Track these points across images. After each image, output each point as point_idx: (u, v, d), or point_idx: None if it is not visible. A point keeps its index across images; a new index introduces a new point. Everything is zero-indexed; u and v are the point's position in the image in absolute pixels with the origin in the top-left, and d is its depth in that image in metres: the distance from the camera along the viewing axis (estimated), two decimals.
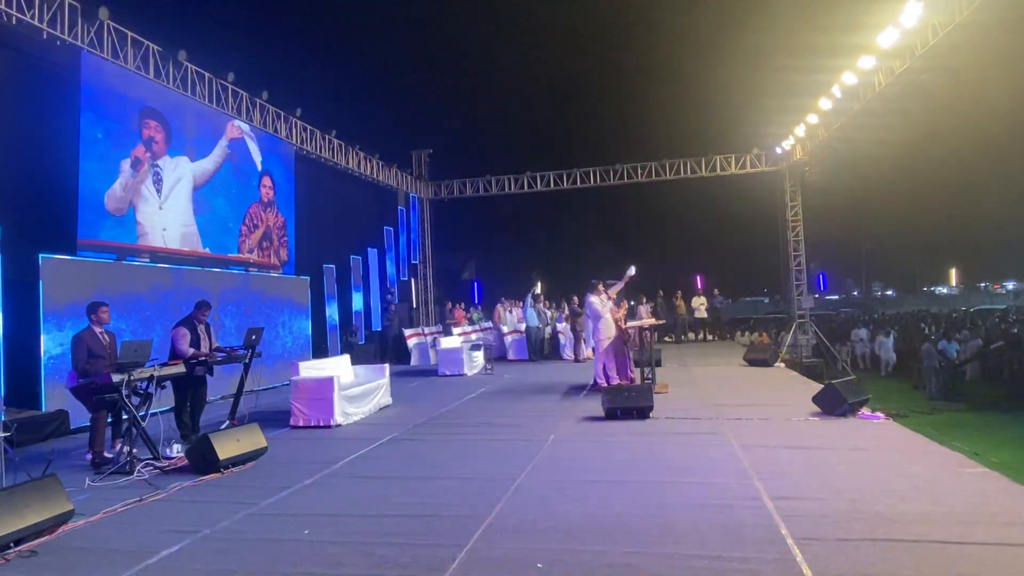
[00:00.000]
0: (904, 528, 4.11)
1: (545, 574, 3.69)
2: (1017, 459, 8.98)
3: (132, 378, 6.35)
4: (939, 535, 3.98)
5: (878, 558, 3.71)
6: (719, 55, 21.17)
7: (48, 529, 4.52)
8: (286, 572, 3.85)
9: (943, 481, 5.16)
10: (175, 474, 6.21)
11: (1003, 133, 32.31)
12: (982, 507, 4.50)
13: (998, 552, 3.74)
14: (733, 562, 3.73)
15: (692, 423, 7.68)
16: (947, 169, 39.55)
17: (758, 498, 4.83)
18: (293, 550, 4.20)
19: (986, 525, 4.15)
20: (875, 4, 11.20)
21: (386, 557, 4.01)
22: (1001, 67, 14.94)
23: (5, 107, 8.95)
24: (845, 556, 3.75)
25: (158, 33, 11.01)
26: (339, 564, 3.94)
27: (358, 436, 7.76)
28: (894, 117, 14.80)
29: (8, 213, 8.46)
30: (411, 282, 21.20)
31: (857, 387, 8.28)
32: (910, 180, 38.68)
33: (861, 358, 21.19)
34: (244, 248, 12.85)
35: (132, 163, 10.34)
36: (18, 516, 4.29)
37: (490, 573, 3.73)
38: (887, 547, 3.84)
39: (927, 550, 3.78)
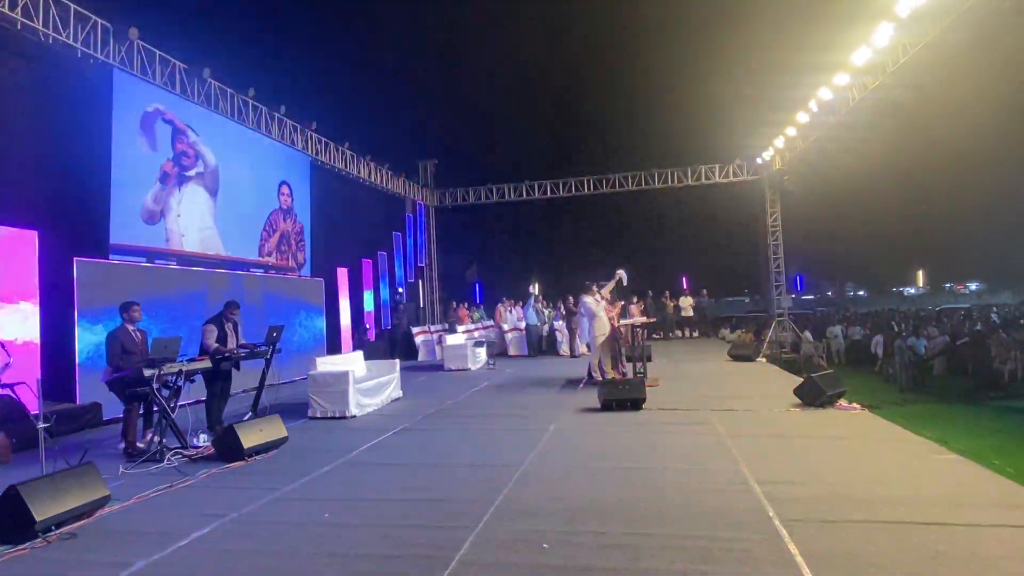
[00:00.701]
0: (882, 510, 4.12)
1: (550, 553, 3.69)
2: (981, 446, 8.97)
3: (162, 372, 6.35)
4: (915, 516, 3.99)
5: (860, 538, 3.71)
6: (704, 73, 21.23)
7: (86, 513, 4.52)
8: (308, 553, 3.85)
9: (917, 466, 5.17)
10: (202, 462, 6.20)
11: (968, 145, 32.43)
12: (954, 490, 4.52)
13: (968, 531, 3.75)
14: (725, 542, 3.73)
15: (682, 414, 7.68)
16: (915, 178, 39.67)
17: (746, 483, 4.83)
18: (314, 533, 4.19)
19: (958, 507, 4.16)
20: (849, 25, 11.23)
21: (402, 539, 4.01)
22: (966, 84, 15.01)
23: (42, 120, 8.92)
24: (829, 536, 3.76)
25: (184, 51, 11.00)
26: (358, 546, 3.93)
27: (372, 426, 7.76)
28: (867, 130, 14.85)
29: (45, 220, 8.44)
30: (418, 283, 21.18)
31: (834, 380, 8.29)
32: (881, 188, 38.77)
33: (836, 353, 21.17)
34: (263, 252, 12.84)
35: (161, 176, 10.35)
36: (59, 501, 4.29)
37: (500, 552, 3.73)
38: (868, 527, 3.85)
39: (904, 530, 3.79)
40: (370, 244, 18.16)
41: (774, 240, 19.04)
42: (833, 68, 12.49)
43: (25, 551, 4.01)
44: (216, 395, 7.55)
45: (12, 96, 8.63)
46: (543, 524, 4.14)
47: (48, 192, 8.86)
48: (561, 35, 25.69)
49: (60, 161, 9.07)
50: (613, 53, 25.24)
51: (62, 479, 4.45)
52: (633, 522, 4.13)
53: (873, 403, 10.65)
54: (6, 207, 8.09)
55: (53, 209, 8.79)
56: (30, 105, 8.83)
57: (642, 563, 3.52)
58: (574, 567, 3.50)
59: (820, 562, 3.41)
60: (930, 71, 11.37)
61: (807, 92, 14.03)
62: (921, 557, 3.44)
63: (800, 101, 14.57)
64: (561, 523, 4.16)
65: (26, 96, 8.83)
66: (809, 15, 13.21)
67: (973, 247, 52.28)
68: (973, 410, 12.51)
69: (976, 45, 10.65)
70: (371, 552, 3.82)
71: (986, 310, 29.09)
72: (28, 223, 8.15)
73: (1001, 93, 21.43)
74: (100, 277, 8.83)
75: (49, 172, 8.93)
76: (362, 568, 3.60)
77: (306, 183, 14.65)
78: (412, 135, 21.69)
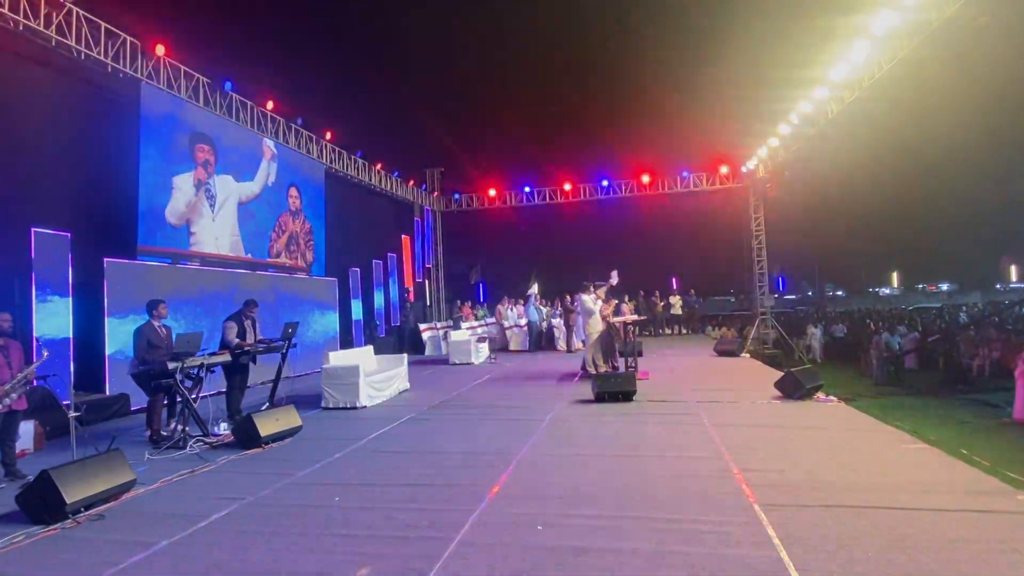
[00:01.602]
0: (855, 496, 4.12)
1: (544, 534, 3.70)
2: (950, 436, 8.96)
3: (185, 365, 6.36)
4: (886, 502, 3.98)
5: (833, 522, 3.71)
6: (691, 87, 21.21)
7: (113, 496, 4.54)
8: (319, 534, 3.86)
9: (888, 455, 5.17)
10: (222, 449, 6.22)
11: (939, 154, 32.35)
12: (922, 477, 4.52)
13: (934, 516, 3.75)
14: (708, 525, 3.73)
15: (670, 405, 7.67)
16: (890, 185, 39.59)
17: (728, 470, 4.83)
18: (325, 515, 4.20)
19: (925, 493, 4.16)
20: (828, 42, 11.21)
21: (406, 521, 4.01)
22: (937, 97, 14.97)
23: (74, 130, 8.94)
24: (805, 520, 3.75)
25: (207, 64, 11.00)
26: (365, 527, 3.94)
27: (381, 416, 7.76)
28: (845, 140, 14.84)
29: (78, 222, 8.46)
30: (425, 283, 21.18)
31: (813, 374, 8.28)
32: (858, 195, 38.68)
33: (811, 349, 21.12)
34: (272, 252, 12.72)
35: (195, 184, 10.40)
36: (88, 484, 4.30)
37: (497, 533, 3.74)
38: (841, 512, 3.85)
39: (876, 515, 3.79)
40: (380, 246, 18.17)
41: (757, 243, 19.03)
42: (813, 83, 12.49)
43: (56, 531, 4.03)
44: (235, 387, 7.56)
45: (47, 108, 8.65)
46: (538, 507, 4.15)
47: (80, 197, 8.88)
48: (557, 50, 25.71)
49: (91, 168, 9.09)
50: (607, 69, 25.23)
51: (91, 464, 4.46)
52: (622, 506, 4.13)
53: (849, 396, 10.66)
54: (42, 210, 8.11)
55: (85, 212, 8.81)
56: (64, 116, 8.85)
57: (630, 544, 3.52)
58: (566, 547, 3.50)
59: (796, 543, 3.41)
60: (904, 85, 11.35)
61: (789, 105, 14.03)
62: (890, 539, 3.43)
63: (782, 114, 14.57)
64: (555, 506, 4.16)
65: (60, 108, 8.85)
66: (790, 33, 13.16)
67: (944, 250, 52.21)
68: (943, 403, 12.48)
69: (947, 60, 10.64)
70: (377, 533, 3.83)
71: (956, 309, 29.04)
72: (62, 226, 8.17)
73: (971, 105, 21.39)
74: (128, 277, 8.84)
75: (81, 178, 8.94)
76: (369, 548, 3.61)
77: (320, 189, 14.64)
78: (420, 144, 21.68)
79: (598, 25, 24.17)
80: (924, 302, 46.47)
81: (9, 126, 8.02)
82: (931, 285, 64.62)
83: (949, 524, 3.62)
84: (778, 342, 18.87)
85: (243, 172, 11.87)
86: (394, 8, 21.79)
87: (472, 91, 24.57)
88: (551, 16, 23.82)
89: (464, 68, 24.44)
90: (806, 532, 3.57)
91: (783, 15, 14.36)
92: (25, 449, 6.12)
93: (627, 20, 22.17)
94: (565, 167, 21.07)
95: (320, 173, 14.80)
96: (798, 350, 19.17)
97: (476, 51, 24.49)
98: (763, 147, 16.99)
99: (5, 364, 5.23)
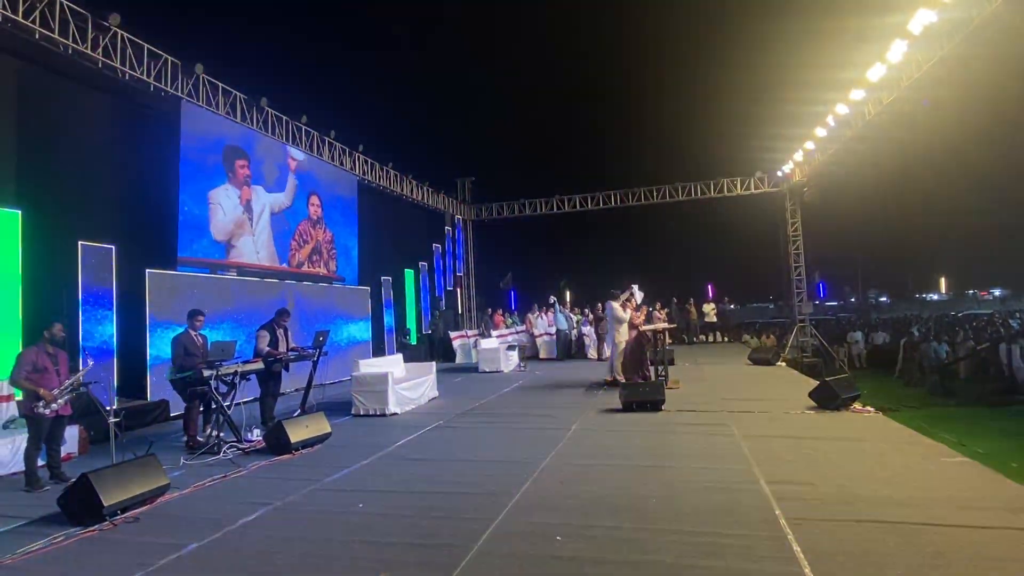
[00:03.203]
0: (886, 510, 3.98)
1: (564, 545, 3.68)
2: (998, 449, 8.57)
3: (220, 373, 6.56)
4: (918, 517, 3.84)
5: (862, 537, 3.60)
6: (726, 92, 20.95)
7: (148, 499, 4.70)
8: (342, 539, 3.93)
9: (925, 469, 4.97)
10: (254, 455, 6.37)
11: (983, 156, 31.16)
12: (961, 493, 4.32)
13: (972, 533, 3.59)
14: (731, 539, 3.66)
15: (700, 415, 7.54)
16: (933, 188, 38.25)
17: (756, 482, 4.72)
18: (349, 521, 4.27)
19: (963, 509, 3.98)
20: (864, 43, 10.93)
21: (427, 529, 4.04)
22: (979, 96, 14.41)
23: (119, 147, 9.37)
24: (832, 535, 3.64)
25: (243, 81, 11.38)
26: (387, 534, 3.99)
27: (409, 424, 7.84)
28: (883, 143, 14.37)
29: (122, 235, 8.84)
30: (456, 291, 21.34)
31: (850, 384, 8.03)
32: (900, 198, 37.50)
33: (857, 357, 20.50)
34: (294, 261, 12.79)
35: (240, 199, 10.80)
36: (124, 488, 4.47)
37: (516, 543, 3.74)
38: (870, 528, 3.73)
39: (906, 531, 3.65)
40: (412, 255, 18.42)
41: (795, 249, 18.61)
42: (849, 84, 12.17)
43: (94, 532, 4.20)
44: (268, 394, 7.74)
45: (93, 126, 9.09)
46: (558, 518, 4.13)
47: (124, 210, 9.29)
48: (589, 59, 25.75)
49: (135, 183, 9.51)
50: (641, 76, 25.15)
51: (127, 468, 4.64)
52: (644, 518, 4.08)
53: (889, 407, 10.30)
54: (88, 224, 8.50)
55: (128, 226, 9.19)
56: (109, 134, 9.28)
57: (651, 556, 3.47)
58: (585, 559, 3.48)
59: (821, 559, 3.31)
60: (944, 85, 10.96)
61: (825, 108, 13.69)
62: (923, 557, 3.30)
63: (818, 116, 14.22)
64: (576, 517, 4.13)
65: (105, 126, 9.29)
66: (825, 34, 12.90)
67: (996, 254, 50.02)
68: (994, 414, 11.94)
69: (987, 59, 10.23)
70: (399, 540, 3.87)
71: (1009, 316, 27.74)
72: (107, 239, 8.55)
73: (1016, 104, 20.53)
74: (168, 287, 9.17)
75: (125, 193, 9.36)
76: (390, 554, 3.65)
77: (353, 200, 14.93)
78: (451, 155, 22.01)
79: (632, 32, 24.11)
80: (975, 308, 44.53)
81: (57, 145, 8.46)
82: (983, 291, 61.91)
83: (988, 542, 3.47)
84: (818, 350, 18.36)
85: (276, 183, 12.20)
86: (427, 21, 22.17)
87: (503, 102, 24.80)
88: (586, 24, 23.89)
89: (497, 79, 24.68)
90: (833, 547, 3.46)
91: (817, 16, 14.09)
92: (70, 453, 6.39)
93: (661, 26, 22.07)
94: (597, 174, 21.03)
95: (353, 184, 15.10)
96: (839, 358, 18.62)
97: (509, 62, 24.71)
98: (799, 151, 16.61)
99: (55, 372, 5.50)
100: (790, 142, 16.65)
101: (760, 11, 18.00)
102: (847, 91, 12.39)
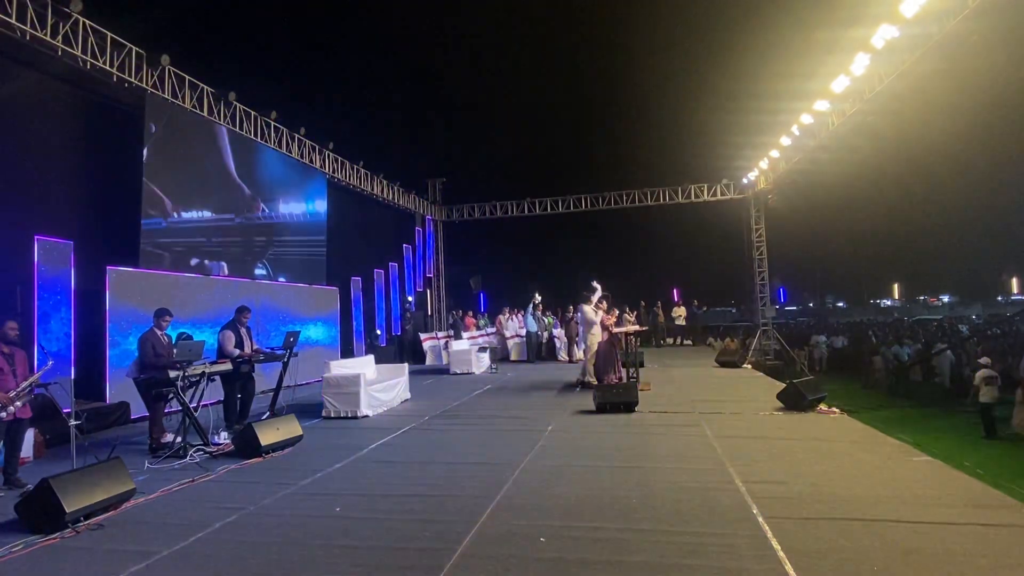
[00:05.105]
0: (860, 508, 4.09)
1: (546, 546, 3.67)
2: (952, 448, 8.93)
3: (186, 374, 6.35)
4: (891, 515, 3.95)
5: (838, 534, 3.68)
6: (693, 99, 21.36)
7: (113, 505, 4.50)
8: (319, 544, 3.83)
9: (892, 468, 5.13)
10: (223, 458, 6.18)
11: (940, 167, 32.51)
12: (927, 490, 4.48)
13: (939, 529, 3.72)
14: (711, 538, 3.70)
15: (672, 416, 7.64)
16: (892, 197, 39.74)
17: (732, 482, 4.80)
18: (325, 525, 4.17)
19: (930, 506, 4.13)
20: (829, 55, 11.25)
21: (407, 532, 3.98)
22: (939, 110, 15.02)
23: (79, 139, 9.02)
24: (809, 533, 3.72)
25: (211, 75, 11.07)
26: (365, 538, 3.91)
27: (381, 426, 7.72)
28: (845, 152, 14.84)
29: (82, 231, 8.48)
30: (426, 292, 21.17)
31: (815, 386, 8.25)
32: (859, 207, 38.81)
33: (819, 360, 21.11)
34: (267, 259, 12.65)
35: (204, 195, 10.43)
36: (87, 494, 4.27)
37: (498, 546, 3.71)
38: (845, 525, 3.82)
39: (880, 527, 3.76)
40: (382, 256, 18.19)
41: (759, 254, 19.04)
42: (814, 95, 12.52)
43: (55, 540, 4.00)
44: (234, 395, 7.53)
45: (52, 117, 8.71)
46: (540, 519, 4.12)
47: (84, 205, 8.93)
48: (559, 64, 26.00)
49: (96, 177, 9.15)
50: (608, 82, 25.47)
51: (91, 473, 4.44)
52: (625, 518, 4.10)
53: (851, 408, 10.61)
54: (47, 219, 8.13)
55: (88, 221, 8.84)
56: (68, 125, 8.92)
57: (633, 557, 3.49)
58: (569, 560, 3.47)
59: (800, 557, 3.37)
60: (904, 98, 11.37)
61: (790, 117, 14.06)
62: (895, 553, 3.40)
63: (783, 126, 14.60)
64: (557, 518, 4.13)
65: (65, 117, 8.92)
66: (791, 46, 13.25)
67: (946, 262, 52.26)
68: (945, 415, 12.44)
69: (948, 74, 10.66)
70: (377, 544, 3.80)
71: (956, 321, 28.98)
72: (65, 234, 8.19)
73: (972, 119, 21.50)
74: (130, 285, 8.84)
75: (86, 187, 9.00)
76: (369, 559, 3.58)
77: (323, 199, 14.68)
78: (422, 155, 21.87)
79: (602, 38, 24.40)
80: (925, 314, 46.41)
81: (14, 134, 8.07)
82: (932, 297, 64.57)
83: (955, 538, 3.59)
84: (779, 353, 18.82)
85: (246, 181, 11.91)
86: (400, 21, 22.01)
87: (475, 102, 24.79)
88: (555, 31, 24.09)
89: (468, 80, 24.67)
90: (811, 545, 3.54)
91: (785, 28, 14.47)
92: (25, 457, 6.07)
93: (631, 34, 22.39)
94: (567, 178, 21.16)
95: (323, 182, 14.84)
96: (799, 361, 19.11)
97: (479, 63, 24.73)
98: (764, 159, 17.02)
99: (10, 372, 5.22)
100: (756, 150, 17.04)
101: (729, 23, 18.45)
102: (811, 101, 12.74)
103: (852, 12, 9.88)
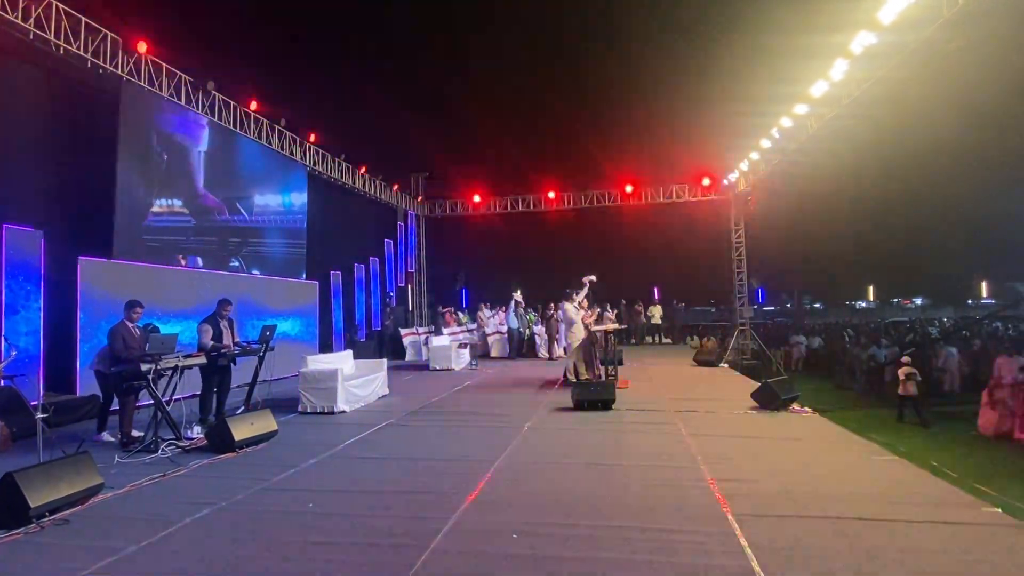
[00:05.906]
0: (828, 506, 4.17)
1: (519, 543, 3.68)
2: (920, 449, 9.12)
3: (159, 367, 6.25)
4: (858, 513, 4.03)
5: (805, 531, 3.75)
6: (675, 100, 21.53)
7: (80, 500, 4.42)
8: (293, 541, 3.80)
9: (860, 467, 5.24)
10: (195, 453, 6.09)
11: (915, 172, 33.15)
12: (893, 489, 4.58)
13: (906, 527, 3.80)
14: (682, 535, 3.75)
15: (649, 414, 7.71)
16: (869, 201, 40.47)
17: (704, 480, 4.86)
18: (299, 522, 4.14)
19: (896, 504, 4.22)
20: (809, 60, 11.40)
21: (382, 528, 3.97)
22: (915, 116, 15.32)
23: (51, 126, 8.79)
24: (778, 530, 3.78)
25: (190, 63, 10.87)
26: (339, 534, 3.89)
27: (358, 422, 7.68)
28: (824, 156, 15.09)
29: (52, 220, 8.30)
30: (407, 288, 21.09)
31: (789, 386, 8.37)
32: (836, 209, 39.39)
33: (796, 361, 21.39)
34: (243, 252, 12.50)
35: (180, 186, 10.23)
36: (53, 488, 4.19)
37: (471, 542, 3.71)
38: (813, 522, 3.89)
39: (847, 525, 3.83)
40: (363, 250, 18.07)
41: (737, 255, 19.26)
42: (793, 99, 12.68)
43: (19, 535, 3.91)
44: (211, 389, 7.44)
45: (23, 103, 8.48)
46: (514, 516, 4.13)
47: (56, 194, 8.71)
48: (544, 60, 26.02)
49: (68, 165, 8.91)
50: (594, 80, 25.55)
51: (57, 467, 4.35)
52: (597, 515, 4.13)
53: (825, 407, 10.79)
54: (16, 207, 7.94)
55: (60, 211, 8.64)
56: (41, 111, 8.69)
57: (604, 553, 3.52)
58: (541, 556, 3.49)
59: (767, 553, 3.43)
60: (882, 104, 11.58)
61: (770, 120, 14.23)
62: (860, 550, 3.47)
63: (763, 128, 14.78)
64: (531, 515, 4.14)
65: (36, 103, 8.68)
66: (772, 50, 13.40)
67: (920, 265, 53.32)
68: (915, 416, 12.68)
69: (924, 81, 10.88)
70: (352, 540, 3.78)
71: (926, 323, 29.58)
72: (36, 223, 8.01)
73: (947, 126, 21.96)
74: (103, 276, 8.67)
75: (58, 175, 8.77)
76: (342, 555, 3.56)
77: (303, 191, 14.52)
78: (405, 149, 21.71)
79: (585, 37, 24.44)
80: (898, 316, 47.32)
81: None
82: (905, 299, 65.92)
83: (918, 535, 3.68)
84: (756, 353, 19.07)
85: (224, 172, 11.73)
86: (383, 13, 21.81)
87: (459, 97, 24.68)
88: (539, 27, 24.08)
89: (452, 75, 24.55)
90: (779, 542, 3.59)
91: (765, 32, 14.63)
92: None
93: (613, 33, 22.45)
94: (550, 175, 21.18)
95: (303, 175, 14.68)
96: (776, 361, 19.38)
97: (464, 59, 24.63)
98: (744, 161, 17.21)
99: None
100: (737, 152, 17.24)
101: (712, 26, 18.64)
102: (791, 105, 12.91)
103: (832, 19, 10.01)
